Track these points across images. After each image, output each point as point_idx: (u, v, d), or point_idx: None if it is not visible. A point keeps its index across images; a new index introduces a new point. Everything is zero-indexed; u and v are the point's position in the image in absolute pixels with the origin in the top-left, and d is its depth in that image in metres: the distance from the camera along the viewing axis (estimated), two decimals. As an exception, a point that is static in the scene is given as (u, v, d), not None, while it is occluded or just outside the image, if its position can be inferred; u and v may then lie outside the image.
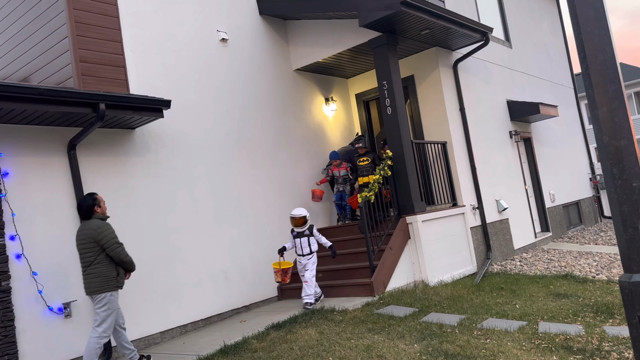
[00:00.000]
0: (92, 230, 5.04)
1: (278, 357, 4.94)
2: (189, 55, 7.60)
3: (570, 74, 15.16)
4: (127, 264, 5.20)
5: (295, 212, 6.95)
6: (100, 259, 5.05)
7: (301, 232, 6.92)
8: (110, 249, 5.04)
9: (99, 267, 5.04)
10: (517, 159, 11.11)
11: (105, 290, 5.03)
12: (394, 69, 8.07)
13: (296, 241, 6.99)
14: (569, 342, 4.71)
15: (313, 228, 6.98)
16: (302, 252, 6.94)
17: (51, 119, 5.73)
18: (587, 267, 8.84)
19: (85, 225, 5.14)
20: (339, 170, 8.75)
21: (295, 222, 6.92)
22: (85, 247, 5.06)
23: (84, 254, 5.08)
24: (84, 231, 5.10)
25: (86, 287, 5.09)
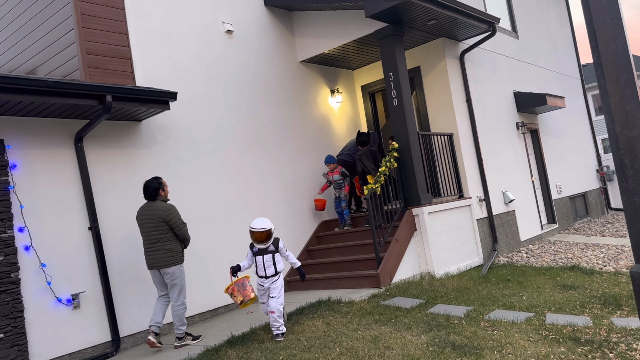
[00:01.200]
0: (161, 211, 5.58)
1: (285, 348, 4.96)
2: (195, 47, 7.59)
3: (577, 64, 15.04)
4: (188, 242, 5.79)
5: (256, 223, 5.42)
6: (169, 236, 5.59)
7: (264, 249, 5.48)
8: (178, 228, 5.62)
9: (168, 243, 5.58)
10: (524, 151, 11.05)
11: (175, 263, 5.59)
12: (400, 60, 8.03)
13: (257, 259, 5.48)
14: (577, 334, 4.70)
15: (279, 242, 5.54)
16: (264, 274, 5.46)
17: (58, 111, 5.74)
18: (594, 259, 8.81)
19: (151, 206, 5.63)
20: (333, 175, 8.58)
21: (256, 237, 5.40)
22: (154, 226, 5.57)
23: (151, 232, 5.58)
24: (151, 211, 5.60)
25: (153, 262, 5.59)
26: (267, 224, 5.39)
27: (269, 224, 5.40)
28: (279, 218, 8.21)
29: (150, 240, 5.60)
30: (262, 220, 5.43)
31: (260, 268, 5.48)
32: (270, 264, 5.44)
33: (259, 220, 5.44)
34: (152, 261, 5.60)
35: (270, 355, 4.78)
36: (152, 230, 5.58)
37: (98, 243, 5.96)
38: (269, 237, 5.44)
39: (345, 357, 4.50)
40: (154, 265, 5.59)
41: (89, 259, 5.93)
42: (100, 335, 5.88)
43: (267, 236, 5.42)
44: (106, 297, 5.94)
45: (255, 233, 5.40)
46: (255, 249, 5.49)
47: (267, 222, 5.41)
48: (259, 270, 5.48)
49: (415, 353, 4.43)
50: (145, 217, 5.62)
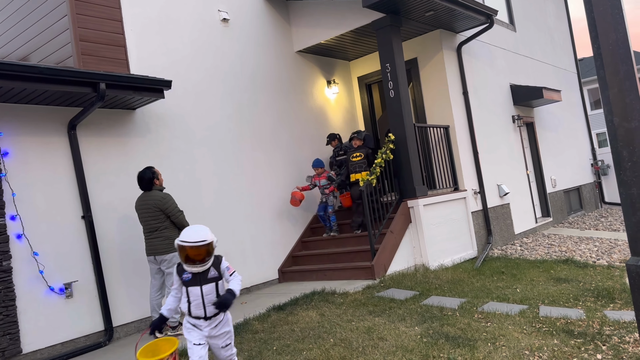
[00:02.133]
0: (157, 200, 5.64)
1: (279, 338, 4.95)
2: (190, 35, 7.51)
3: (574, 58, 15.02)
4: None
5: (191, 235, 3.47)
6: (167, 224, 5.67)
7: (203, 275, 3.51)
8: (175, 216, 5.69)
9: (166, 231, 5.66)
10: (520, 144, 11.05)
11: (173, 250, 5.62)
12: (397, 51, 7.98)
13: (190, 292, 3.51)
14: (570, 326, 4.71)
15: (222, 261, 3.66)
16: (203, 313, 3.51)
17: (51, 99, 5.67)
18: (588, 252, 8.84)
19: (148, 196, 5.70)
20: (319, 180, 8.28)
21: (191, 255, 3.45)
22: (151, 215, 5.65)
23: (149, 221, 5.67)
24: (148, 201, 5.67)
25: (151, 249, 5.69)
26: (207, 235, 3.47)
27: (209, 235, 3.49)
28: (273, 209, 8.19)
29: (149, 229, 5.68)
30: (199, 229, 3.50)
31: (196, 305, 3.49)
32: (212, 298, 3.53)
33: (194, 229, 3.51)
34: (150, 248, 5.70)
35: (264, 346, 4.77)
36: (150, 220, 5.66)
37: (91, 232, 5.92)
38: (209, 254, 3.52)
39: (339, 347, 4.50)
40: (152, 251, 5.67)
41: (81, 248, 5.89)
42: (93, 324, 5.85)
43: (207, 253, 3.50)
44: (99, 286, 5.91)
45: (190, 249, 3.43)
46: (187, 275, 3.52)
47: (207, 232, 3.49)
48: (194, 308, 3.49)
49: (409, 344, 4.43)
50: (143, 207, 5.69)
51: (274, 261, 8.03)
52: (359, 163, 7.99)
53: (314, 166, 8.37)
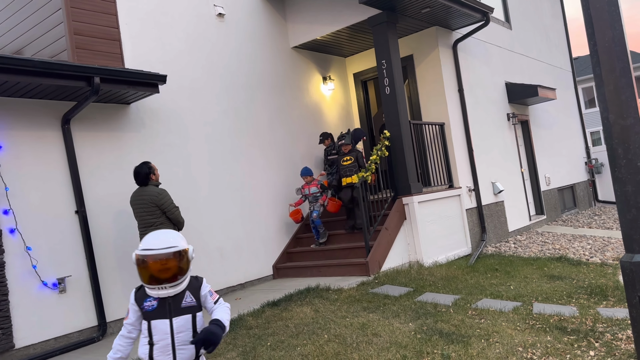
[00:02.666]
0: (153, 196, 5.59)
1: (273, 334, 4.95)
2: (185, 29, 7.47)
3: (569, 57, 15.07)
4: (182, 225, 5.80)
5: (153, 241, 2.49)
6: (162, 220, 5.63)
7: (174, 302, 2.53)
8: (170, 212, 5.65)
9: (161, 227, 5.50)
10: (514, 142, 11.08)
11: None
12: (393, 48, 7.97)
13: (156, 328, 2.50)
14: (563, 323, 4.74)
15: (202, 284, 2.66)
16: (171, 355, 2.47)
17: (45, 92, 5.63)
18: (581, 250, 8.88)
19: (144, 191, 5.65)
20: (309, 187, 8.05)
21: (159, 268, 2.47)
22: (146, 210, 5.60)
23: (144, 216, 5.61)
24: (144, 196, 5.61)
25: None
26: (177, 241, 2.52)
27: (180, 241, 2.53)
28: (268, 205, 8.17)
29: (144, 224, 5.63)
30: (164, 233, 2.56)
31: (162, 348, 2.49)
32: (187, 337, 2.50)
33: (157, 234, 2.55)
34: None
35: (258, 342, 4.77)
36: (145, 215, 5.62)
37: (85, 227, 5.89)
38: (182, 270, 2.53)
39: (333, 343, 4.50)
40: None
41: (75, 243, 5.86)
42: (86, 319, 5.83)
43: (179, 268, 2.51)
44: (92, 281, 5.88)
45: (152, 262, 2.47)
46: (150, 302, 2.55)
47: (176, 238, 2.54)
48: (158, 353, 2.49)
49: (403, 340, 4.44)
50: (138, 202, 5.64)
51: (268, 257, 8.02)
52: (350, 167, 7.78)
53: (302, 174, 8.08)
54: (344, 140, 7.91)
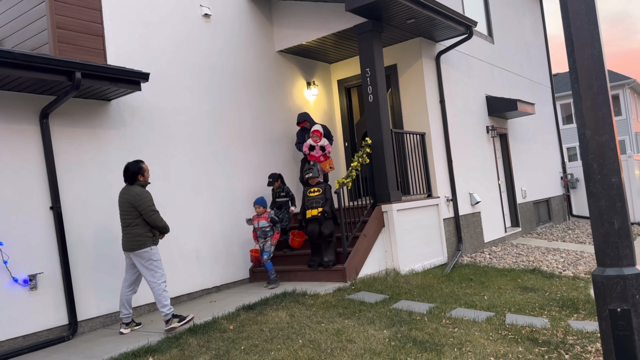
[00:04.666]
0: (131, 197, 5.48)
1: (248, 338, 4.92)
2: (170, 28, 7.43)
3: (549, 73, 15.38)
4: (161, 229, 5.65)
5: None
6: (138, 222, 5.50)
7: None
8: (147, 215, 5.49)
9: (137, 228, 5.49)
10: (492, 154, 11.25)
11: (142, 246, 5.48)
12: (377, 57, 8.04)
13: None
14: (535, 334, 4.81)
15: None
16: None
17: (24, 85, 5.54)
18: (555, 263, 9.04)
19: (127, 190, 5.56)
20: (259, 221, 7.22)
21: None
22: (125, 210, 5.54)
23: (124, 216, 5.55)
24: (125, 195, 5.55)
25: (125, 244, 5.57)
26: None
27: None
28: (248, 207, 8.14)
29: (123, 224, 5.59)
30: None
31: None
32: None
33: None
34: (123, 244, 5.62)
35: (232, 345, 4.74)
36: (124, 215, 5.56)
37: (59, 224, 5.79)
38: None
39: (307, 349, 4.49)
40: (125, 248, 5.59)
41: (48, 240, 5.76)
42: (57, 318, 5.72)
43: None
44: (65, 279, 5.78)
45: None
46: None
47: None
48: None
49: (377, 347, 4.46)
50: (121, 201, 5.59)
51: (246, 260, 7.98)
52: (317, 199, 7.25)
53: (255, 204, 7.30)
54: (311, 173, 7.40)
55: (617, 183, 2.41)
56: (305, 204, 7.36)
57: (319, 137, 8.31)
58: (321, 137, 8.33)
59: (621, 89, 30.64)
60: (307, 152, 8.40)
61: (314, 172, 7.43)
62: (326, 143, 8.43)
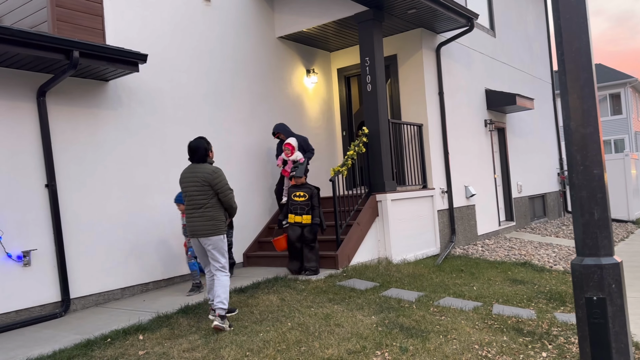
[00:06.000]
0: (208, 174, 5.01)
1: (237, 319, 4.99)
2: (170, 11, 7.42)
3: (550, 69, 15.37)
4: (234, 210, 5.23)
5: None
6: (213, 202, 5.03)
7: None
8: (224, 194, 5.06)
9: (212, 210, 5.02)
10: (490, 148, 11.28)
11: (217, 233, 5.01)
12: (377, 46, 8.04)
13: None
14: (520, 325, 4.88)
15: None
16: None
17: (22, 63, 5.55)
18: (546, 257, 9.11)
19: (198, 168, 5.06)
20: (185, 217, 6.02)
21: None
22: (199, 190, 5.02)
23: (195, 196, 5.03)
24: (197, 174, 5.04)
25: (193, 229, 5.03)
26: None
27: None
28: (243, 193, 8.18)
29: (193, 205, 5.03)
30: None
31: None
32: None
33: None
34: (192, 228, 5.05)
35: (221, 326, 4.80)
36: (196, 195, 5.02)
37: (54, 201, 5.83)
38: None
39: (295, 331, 4.56)
40: (195, 233, 5.04)
41: (43, 217, 5.81)
42: (49, 294, 5.79)
43: None
44: (59, 256, 5.83)
45: None
46: None
47: None
48: None
49: (364, 332, 4.52)
50: (190, 180, 5.05)
51: (239, 245, 8.04)
52: (302, 205, 6.74)
53: (175, 202, 6.55)
54: (296, 172, 6.90)
55: (599, 175, 2.45)
56: (288, 207, 6.87)
57: (291, 151, 7.77)
58: (294, 151, 7.76)
59: (623, 88, 30.62)
60: (280, 165, 7.95)
61: (299, 171, 6.85)
62: (299, 157, 7.82)
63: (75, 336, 4.91)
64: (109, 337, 4.71)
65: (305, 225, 6.72)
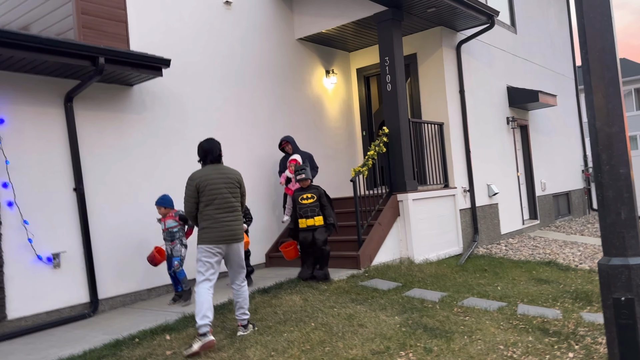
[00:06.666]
0: (238, 176, 4.76)
1: (262, 320, 5.05)
2: (192, 15, 7.52)
3: (572, 64, 15.13)
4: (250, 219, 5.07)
5: None
6: (238, 205, 4.77)
7: None
8: (245, 196, 4.88)
9: (239, 213, 4.76)
10: (512, 146, 11.16)
11: (243, 233, 4.79)
12: (397, 45, 8.03)
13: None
14: (546, 325, 4.83)
15: None
16: None
17: (50, 69, 5.70)
18: (571, 256, 8.99)
19: (225, 169, 4.73)
20: (165, 221, 6.11)
21: None
22: (232, 192, 4.69)
23: (229, 199, 4.66)
24: (229, 175, 4.71)
25: (231, 234, 4.63)
26: None
27: None
28: (265, 194, 8.25)
29: (228, 208, 4.64)
30: None
31: None
32: None
33: None
34: (230, 233, 4.63)
35: (246, 326, 4.86)
36: (230, 197, 4.66)
37: (82, 204, 5.97)
38: None
39: (319, 331, 4.60)
40: (234, 238, 4.65)
41: (71, 220, 5.95)
42: (78, 296, 5.92)
43: None
44: (87, 258, 5.97)
45: None
46: None
47: None
48: None
49: (387, 332, 4.54)
50: (221, 181, 4.65)
51: (262, 246, 8.11)
52: (312, 206, 6.44)
53: (156, 204, 6.17)
54: (304, 174, 6.54)
55: (625, 174, 2.43)
56: (297, 212, 6.53)
57: None
58: None
59: None
60: (284, 183, 7.54)
61: (307, 173, 6.53)
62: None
63: (104, 336, 5.02)
64: (136, 337, 4.81)
65: (317, 227, 6.43)
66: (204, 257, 4.59)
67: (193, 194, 4.62)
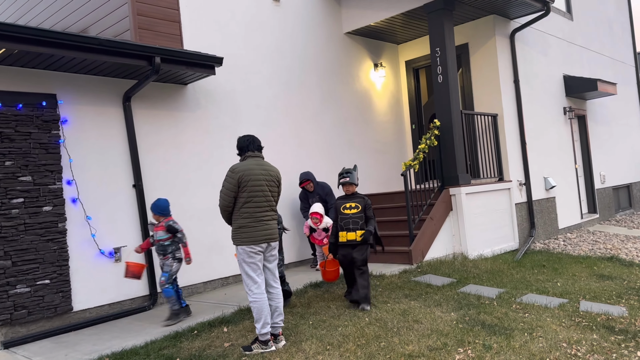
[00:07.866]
0: (277, 173, 4.45)
1: (315, 314, 5.07)
2: (242, 13, 7.60)
3: (633, 51, 14.38)
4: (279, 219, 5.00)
5: None
6: (274, 205, 4.46)
7: None
8: (279, 197, 4.56)
9: (276, 213, 4.50)
10: (569, 137, 10.74)
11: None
12: (448, 35, 7.86)
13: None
14: (611, 323, 4.63)
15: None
16: None
17: (108, 70, 5.89)
18: (634, 251, 8.57)
19: (268, 166, 4.42)
20: (156, 232, 5.49)
21: None
22: (272, 190, 4.39)
23: (268, 197, 4.37)
24: (271, 172, 4.40)
25: (272, 233, 4.36)
26: None
27: None
28: (315, 189, 8.25)
29: (268, 207, 4.36)
30: None
31: None
32: None
33: None
34: (270, 231, 4.35)
35: (301, 320, 4.89)
36: (271, 195, 4.40)
37: (141, 200, 6.16)
38: None
39: (374, 327, 4.57)
40: (272, 237, 4.37)
41: (131, 215, 6.14)
42: (138, 289, 6.12)
43: None
44: (146, 253, 6.15)
45: None
46: None
47: None
48: None
49: (444, 328, 4.46)
50: (265, 178, 4.35)
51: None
52: (355, 218, 5.38)
53: (157, 212, 5.53)
54: (348, 177, 5.46)
55: None
56: (339, 224, 5.48)
57: (319, 220, 6.61)
58: (322, 219, 6.61)
59: None
60: (308, 233, 6.95)
61: (352, 177, 5.47)
62: (329, 224, 6.55)
63: (163, 328, 5.17)
64: (195, 330, 4.93)
65: (358, 244, 5.35)
66: (249, 259, 4.25)
67: (234, 187, 4.25)
